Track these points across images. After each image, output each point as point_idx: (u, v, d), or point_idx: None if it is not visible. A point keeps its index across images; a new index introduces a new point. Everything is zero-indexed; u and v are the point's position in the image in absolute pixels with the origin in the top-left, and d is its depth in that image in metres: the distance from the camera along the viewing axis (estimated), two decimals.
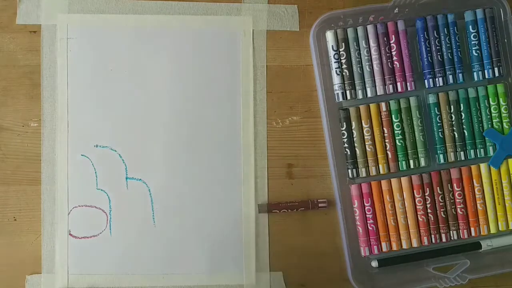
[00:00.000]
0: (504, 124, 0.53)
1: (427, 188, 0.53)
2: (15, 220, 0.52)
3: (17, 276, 0.52)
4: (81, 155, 0.53)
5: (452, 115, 0.53)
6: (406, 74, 0.53)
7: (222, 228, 0.53)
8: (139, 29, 0.54)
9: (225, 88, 0.54)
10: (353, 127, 0.53)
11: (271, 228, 0.54)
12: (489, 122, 0.53)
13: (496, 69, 0.53)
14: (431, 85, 0.53)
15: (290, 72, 0.55)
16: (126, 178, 0.53)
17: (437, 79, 0.53)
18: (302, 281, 0.54)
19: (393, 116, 0.53)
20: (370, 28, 0.53)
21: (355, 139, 0.53)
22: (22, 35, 0.53)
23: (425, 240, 0.53)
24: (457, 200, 0.53)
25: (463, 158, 0.53)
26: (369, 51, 0.53)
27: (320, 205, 0.53)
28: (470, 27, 0.53)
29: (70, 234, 0.53)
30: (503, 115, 0.53)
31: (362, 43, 0.53)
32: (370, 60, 0.53)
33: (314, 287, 0.54)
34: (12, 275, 0.52)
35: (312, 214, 0.54)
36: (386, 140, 0.53)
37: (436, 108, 0.53)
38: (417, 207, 0.53)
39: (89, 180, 0.53)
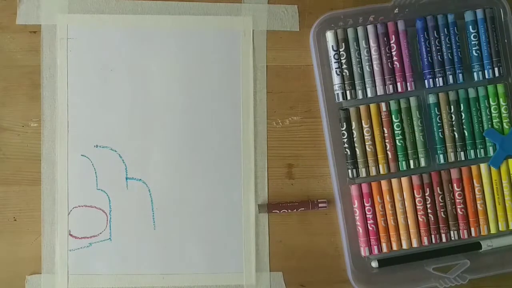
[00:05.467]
0: (504, 124, 0.53)
1: (427, 188, 0.53)
2: (15, 220, 0.52)
3: (17, 276, 0.52)
4: (81, 155, 0.53)
5: (452, 115, 0.53)
6: (406, 74, 0.53)
7: (222, 228, 0.53)
8: (139, 29, 0.54)
9: (225, 88, 0.54)
10: (353, 127, 0.53)
11: (271, 228, 0.54)
12: (489, 122, 0.53)
13: (496, 69, 0.53)
14: (431, 85, 0.53)
15: (290, 72, 0.55)
16: (126, 178, 0.53)
17: (437, 79, 0.53)
18: (301, 281, 0.54)
19: (393, 116, 0.53)
20: (370, 28, 0.53)
21: (355, 139, 0.53)
22: (22, 35, 0.53)
23: (425, 240, 0.53)
24: (457, 200, 0.53)
25: (463, 158, 0.53)
26: (369, 51, 0.53)
27: (320, 205, 0.53)
28: (470, 27, 0.53)
29: (70, 234, 0.53)
30: (503, 115, 0.53)
31: (362, 43, 0.53)
32: (370, 60, 0.53)
33: (314, 287, 0.54)
34: (12, 275, 0.52)
35: (312, 214, 0.54)
36: (386, 140, 0.53)
37: (436, 108, 0.53)
38: (417, 207, 0.53)
39: (89, 180, 0.53)
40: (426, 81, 0.53)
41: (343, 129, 0.53)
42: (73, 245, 0.53)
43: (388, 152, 0.53)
